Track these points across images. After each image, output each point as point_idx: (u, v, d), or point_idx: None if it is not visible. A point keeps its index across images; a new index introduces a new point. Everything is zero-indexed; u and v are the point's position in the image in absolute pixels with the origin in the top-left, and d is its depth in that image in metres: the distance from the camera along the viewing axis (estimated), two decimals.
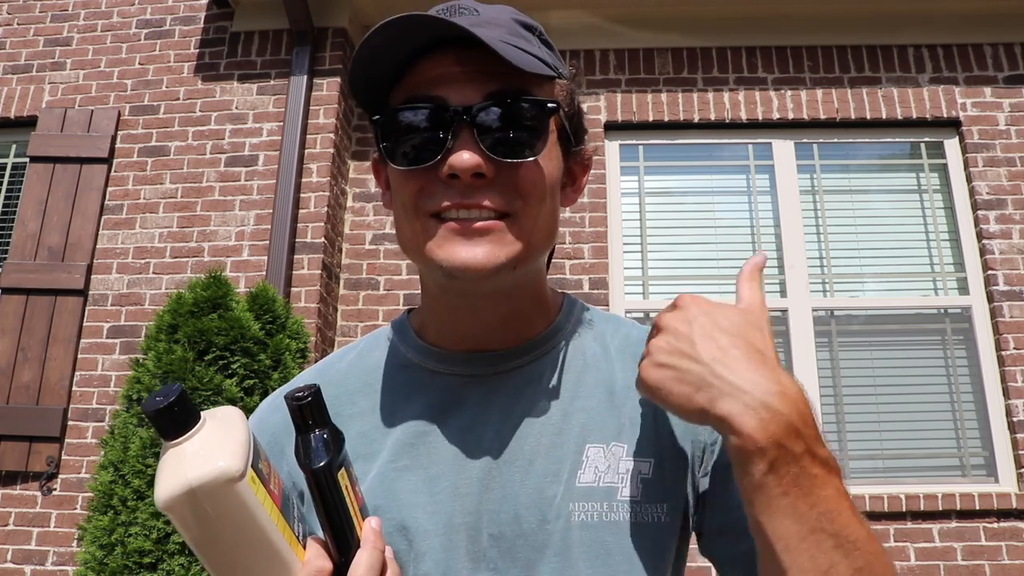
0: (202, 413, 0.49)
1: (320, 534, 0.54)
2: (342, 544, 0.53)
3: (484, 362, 0.71)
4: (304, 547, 0.53)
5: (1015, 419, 3.22)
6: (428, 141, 0.62)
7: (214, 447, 0.47)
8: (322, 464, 0.51)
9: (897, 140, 3.72)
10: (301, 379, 0.77)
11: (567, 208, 0.75)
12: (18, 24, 3.90)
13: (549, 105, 0.63)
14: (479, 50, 0.60)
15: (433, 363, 0.72)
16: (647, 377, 0.58)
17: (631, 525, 0.63)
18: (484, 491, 0.65)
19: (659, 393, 0.57)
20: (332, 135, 3.50)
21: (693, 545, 0.71)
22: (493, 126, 0.61)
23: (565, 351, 0.73)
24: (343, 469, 0.53)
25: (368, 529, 0.54)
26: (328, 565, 0.52)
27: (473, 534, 0.64)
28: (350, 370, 0.75)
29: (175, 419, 0.47)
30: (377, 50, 0.61)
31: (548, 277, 0.77)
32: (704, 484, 0.67)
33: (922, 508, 3.09)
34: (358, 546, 0.53)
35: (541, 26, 0.69)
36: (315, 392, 0.53)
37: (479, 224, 0.61)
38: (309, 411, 0.52)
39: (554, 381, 0.70)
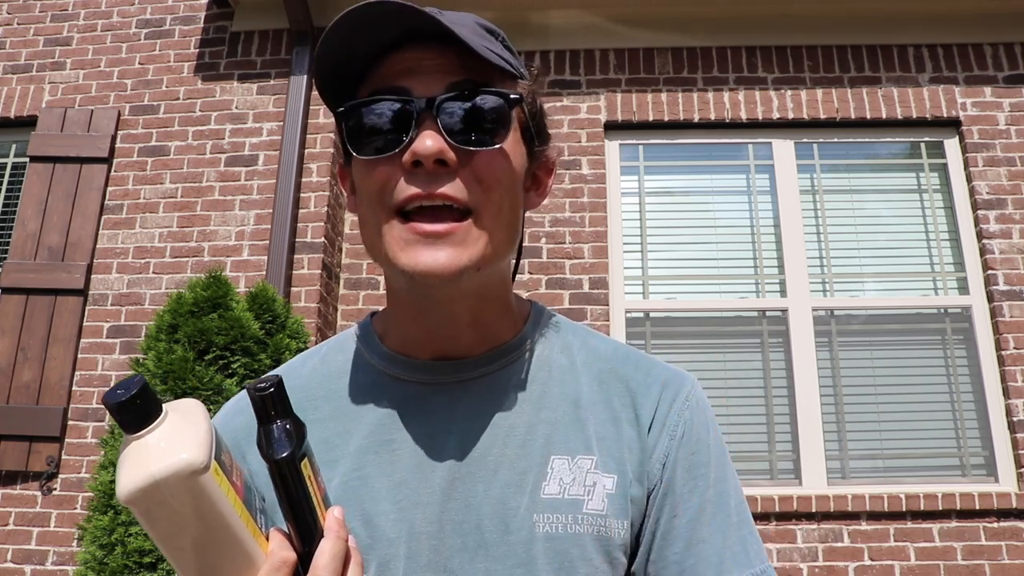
0: (163, 405, 0.49)
1: (283, 526, 0.54)
2: (306, 534, 0.52)
3: (449, 369, 0.70)
4: (267, 539, 0.52)
5: (1015, 419, 3.22)
6: (392, 131, 0.62)
7: (177, 439, 0.47)
8: (285, 454, 0.51)
9: (897, 140, 3.72)
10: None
11: (534, 206, 0.75)
12: (18, 24, 3.89)
13: (512, 96, 0.64)
14: (444, 45, 0.61)
15: (397, 370, 0.71)
16: None
17: (595, 539, 0.63)
18: (446, 500, 0.65)
19: None
20: (332, 135, 3.50)
21: None
22: (456, 115, 0.62)
23: (531, 361, 0.72)
24: (306, 459, 0.53)
25: (331, 518, 0.54)
26: (292, 555, 0.52)
27: (435, 543, 0.63)
28: (313, 375, 0.75)
29: (137, 412, 0.46)
30: (346, 39, 0.62)
31: (548, 278, 0.77)
32: (647, 523, 0.67)
33: (922, 508, 3.09)
34: (322, 536, 0.52)
35: (503, 32, 0.71)
36: (277, 383, 0.52)
37: (441, 227, 0.61)
38: (271, 401, 0.52)
39: (519, 391, 0.70)
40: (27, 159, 3.63)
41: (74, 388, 3.30)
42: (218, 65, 3.70)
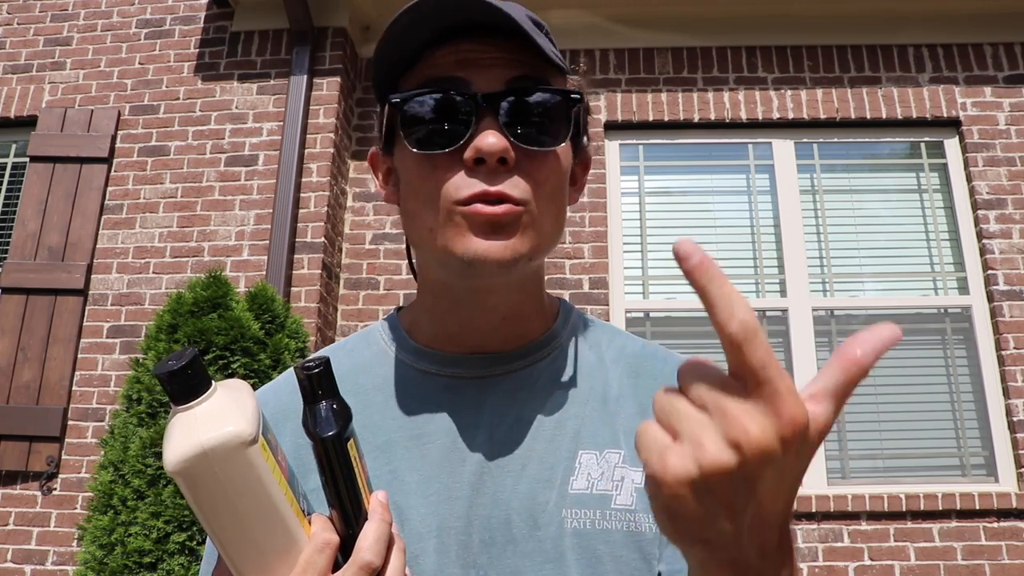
0: (213, 381, 0.49)
1: (324, 512, 0.53)
2: (349, 516, 0.52)
3: (478, 364, 0.69)
4: (309, 524, 0.52)
5: (1015, 419, 3.22)
6: (451, 125, 0.60)
7: (226, 411, 0.47)
8: (331, 433, 0.50)
9: (897, 140, 3.72)
10: (284, 379, 0.75)
11: (573, 202, 0.75)
12: (18, 24, 3.89)
13: (572, 96, 0.63)
14: (498, 38, 0.61)
15: (426, 364, 0.70)
16: (672, 485, 0.37)
17: (624, 534, 0.62)
18: (475, 495, 0.64)
19: (667, 513, 0.39)
20: (332, 135, 3.50)
21: None
22: (518, 113, 0.61)
23: (560, 357, 0.72)
24: (351, 440, 0.52)
25: (376, 501, 0.53)
26: (335, 538, 0.51)
27: (463, 538, 0.63)
28: (338, 369, 0.73)
29: (188, 383, 0.46)
30: (409, 26, 0.60)
31: (548, 277, 0.77)
32: None
33: (922, 508, 3.09)
34: (365, 519, 0.52)
35: (547, 25, 0.70)
36: (325, 363, 0.52)
37: (497, 209, 0.59)
38: (319, 380, 0.51)
39: (548, 387, 0.69)
40: (27, 159, 3.63)
41: (74, 388, 3.30)
42: (218, 65, 3.70)
